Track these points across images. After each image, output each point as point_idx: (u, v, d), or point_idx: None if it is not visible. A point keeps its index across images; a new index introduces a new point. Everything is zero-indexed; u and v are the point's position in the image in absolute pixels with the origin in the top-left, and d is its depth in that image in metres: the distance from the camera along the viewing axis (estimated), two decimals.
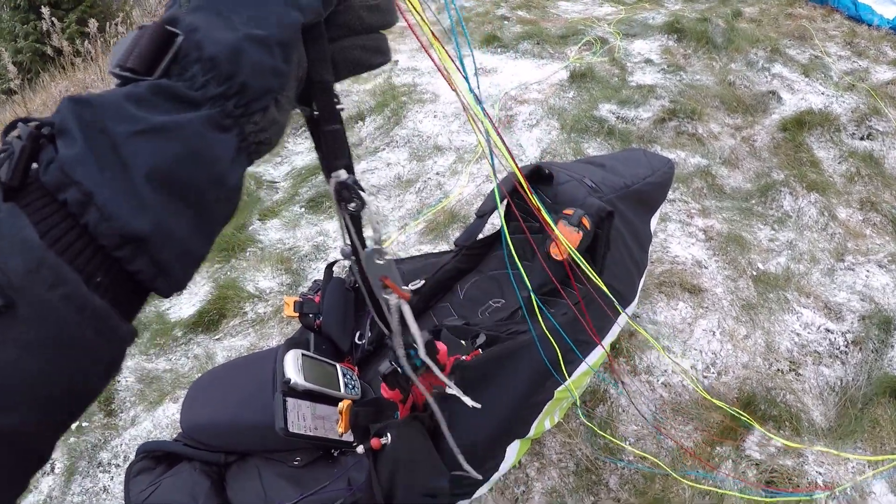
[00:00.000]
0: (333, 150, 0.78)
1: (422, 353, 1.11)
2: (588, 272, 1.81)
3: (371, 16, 0.70)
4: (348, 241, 0.91)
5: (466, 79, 1.05)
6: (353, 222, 0.86)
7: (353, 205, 0.81)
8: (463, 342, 1.69)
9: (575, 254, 1.77)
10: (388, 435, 1.36)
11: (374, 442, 1.35)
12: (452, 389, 1.28)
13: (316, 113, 0.74)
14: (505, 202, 1.92)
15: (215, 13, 0.55)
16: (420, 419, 1.46)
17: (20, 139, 0.48)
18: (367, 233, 0.89)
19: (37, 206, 0.46)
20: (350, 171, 0.81)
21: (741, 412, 2.41)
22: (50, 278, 0.43)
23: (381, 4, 0.71)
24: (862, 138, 4.03)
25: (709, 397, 2.47)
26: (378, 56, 0.74)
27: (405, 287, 0.94)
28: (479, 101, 1.13)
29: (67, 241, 0.46)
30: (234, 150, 0.55)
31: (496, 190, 1.50)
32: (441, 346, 1.28)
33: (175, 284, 0.53)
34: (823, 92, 4.52)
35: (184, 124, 0.51)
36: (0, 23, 14.78)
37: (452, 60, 0.99)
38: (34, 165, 0.48)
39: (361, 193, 0.81)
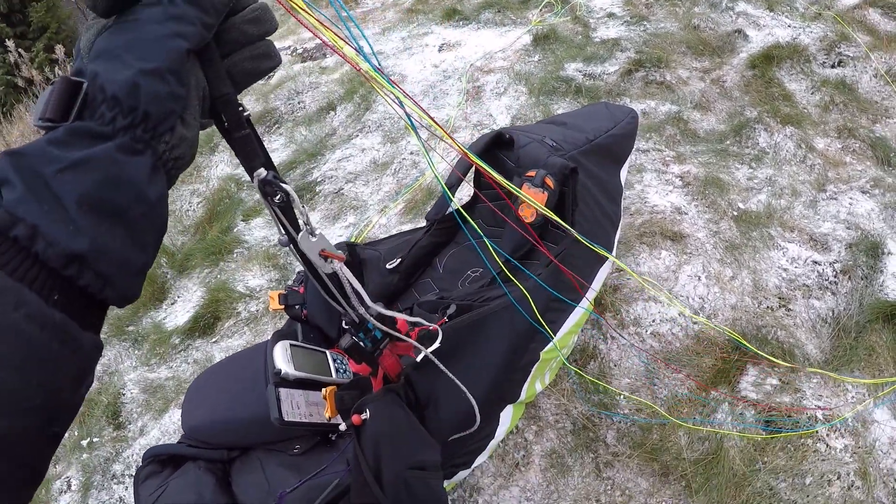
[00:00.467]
0: (248, 153, 0.87)
1: (370, 314, 1.15)
2: (562, 224, 1.82)
3: (253, 27, 0.76)
4: (282, 232, 0.97)
5: (360, 50, 1.10)
6: (285, 213, 0.93)
7: (278, 197, 0.88)
8: (435, 315, 1.70)
9: (545, 210, 1.78)
10: (367, 410, 1.38)
11: (355, 418, 1.38)
12: (418, 347, 1.31)
13: (226, 123, 0.82)
14: (469, 175, 1.91)
15: (112, 57, 0.63)
16: (394, 390, 1.48)
17: None
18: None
19: None
20: (269, 167, 0.87)
21: (739, 338, 2.42)
22: (13, 301, 0.51)
23: (260, 16, 0.77)
24: (833, 66, 4.00)
25: (710, 324, 2.49)
26: (267, 61, 0.80)
27: (338, 251, 1.00)
28: (379, 70, 1.17)
29: (24, 269, 0.53)
30: (149, 168, 0.63)
31: (429, 162, 1.50)
32: (399, 317, 1.32)
33: (122, 293, 0.62)
34: (790, 24, 4.49)
35: (99, 155, 0.58)
36: None
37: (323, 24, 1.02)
38: None
39: (283, 186, 0.87)
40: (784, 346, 2.45)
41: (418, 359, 1.34)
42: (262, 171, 0.88)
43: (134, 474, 1.76)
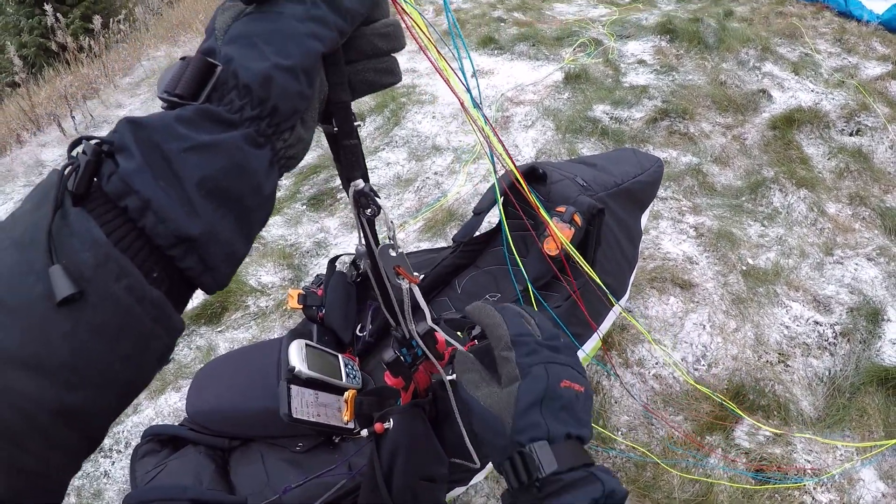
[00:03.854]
0: (351, 162, 0.86)
1: (416, 334, 1.17)
2: (581, 265, 1.87)
3: (382, 42, 0.76)
4: (363, 242, 0.98)
5: (467, 86, 1.11)
6: (369, 224, 0.94)
7: (369, 210, 0.90)
8: (459, 334, 1.74)
9: (570, 247, 1.83)
10: (391, 420, 1.42)
11: (378, 426, 1.41)
12: (445, 379, 1.35)
13: (336, 129, 0.81)
14: (501, 199, 1.98)
15: (248, 45, 0.62)
16: (421, 405, 1.52)
17: (85, 154, 0.55)
18: (381, 232, 0.97)
19: (101, 210, 0.53)
20: (366, 179, 0.89)
21: (727, 401, 2.48)
22: (116, 271, 0.50)
23: (391, 32, 0.77)
24: (851, 134, 4.09)
25: (696, 384, 2.54)
26: (389, 77, 0.80)
27: (415, 273, 1.02)
28: (478, 105, 1.19)
29: (129, 241, 0.53)
30: (267, 162, 0.62)
31: (496, 185, 1.57)
32: (439, 336, 1.35)
33: (219, 281, 0.61)
34: (813, 89, 4.58)
35: (226, 141, 0.58)
36: (5, 16, 14.78)
37: (449, 64, 1.06)
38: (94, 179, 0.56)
39: (378, 200, 0.88)
40: (780, 400, 2.52)
41: (448, 378, 1.38)
42: (360, 183, 0.87)
43: (133, 449, 1.78)
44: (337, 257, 2.21)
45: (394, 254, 0.97)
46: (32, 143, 6.51)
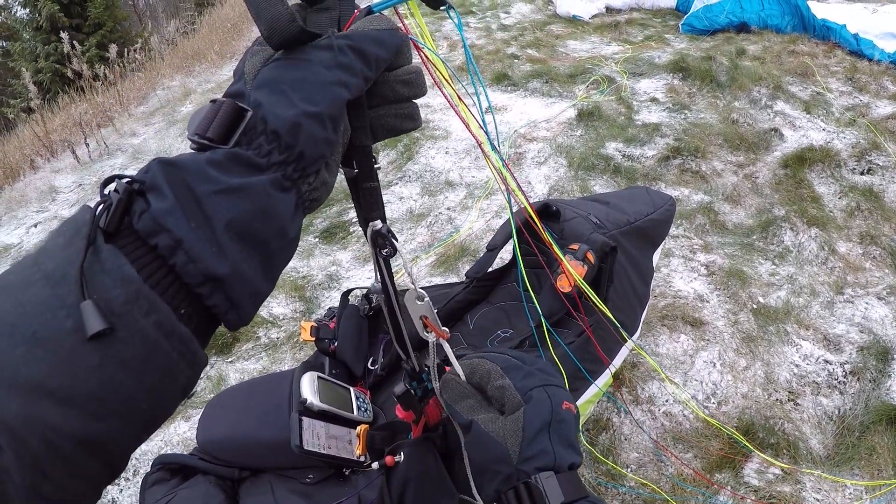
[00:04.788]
0: (370, 203, 0.85)
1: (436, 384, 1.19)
2: (594, 302, 1.89)
3: (405, 88, 0.78)
4: (378, 280, 1.00)
5: (483, 121, 1.14)
6: (385, 264, 0.96)
7: (385, 250, 0.92)
8: None
9: (583, 284, 1.85)
10: (402, 453, 1.43)
11: (389, 459, 1.41)
12: (454, 422, 1.35)
13: (356, 172, 0.82)
14: (515, 236, 2.01)
15: (277, 91, 0.64)
16: (432, 440, 1.53)
17: (117, 192, 0.56)
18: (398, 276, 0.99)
19: (131, 248, 0.55)
20: (384, 221, 0.91)
21: (739, 435, 2.47)
22: (146, 307, 0.51)
23: (413, 79, 0.78)
24: (862, 173, 4.11)
25: (708, 418, 2.54)
26: (410, 122, 0.81)
27: (444, 328, 1.03)
28: (495, 148, 1.21)
29: (158, 278, 0.54)
30: (293, 206, 0.63)
31: (512, 221, 1.59)
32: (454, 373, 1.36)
33: (243, 318, 0.61)
34: (824, 128, 4.62)
35: (255, 185, 0.59)
36: (22, 42, 15.02)
37: (461, 100, 1.08)
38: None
39: (394, 242, 0.91)
40: (790, 439, 2.51)
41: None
42: (378, 224, 0.85)
43: (143, 478, 1.79)
44: (350, 290, 2.23)
45: (420, 303, 0.99)
46: (46, 169, 6.58)
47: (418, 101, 0.83)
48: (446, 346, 1.08)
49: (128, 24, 17.78)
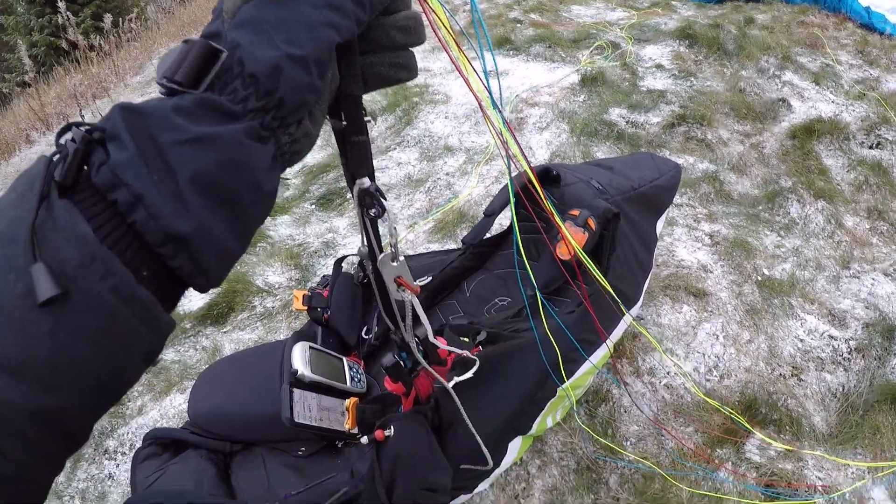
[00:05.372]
0: (358, 159, 0.82)
1: (415, 351, 1.14)
2: (593, 272, 1.83)
3: (401, 35, 0.73)
4: (365, 244, 0.94)
5: (487, 80, 1.09)
6: (372, 225, 0.90)
7: (373, 210, 0.86)
8: (465, 339, 1.71)
9: (581, 253, 1.79)
10: (392, 427, 1.39)
11: (378, 433, 1.38)
12: (446, 386, 1.31)
13: (344, 124, 0.78)
14: (513, 200, 1.95)
15: (257, 31, 0.59)
16: (423, 413, 1.49)
17: (74, 142, 0.51)
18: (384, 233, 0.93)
19: (88, 203, 0.50)
20: (372, 178, 0.84)
21: (737, 415, 2.43)
22: (101, 270, 0.48)
23: (411, 25, 0.74)
24: (871, 147, 4.03)
25: (706, 398, 2.49)
26: (405, 72, 0.77)
27: (415, 283, 0.98)
28: (497, 108, 1.16)
29: (116, 237, 0.50)
30: (269, 158, 0.59)
31: (510, 186, 1.53)
32: (441, 340, 1.31)
33: (211, 280, 0.58)
34: (833, 100, 4.53)
35: (224, 135, 0.54)
36: (16, 16, 14.92)
37: (462, 51, 1.02)
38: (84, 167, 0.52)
39: (382, 201, 0.84)
40: (792, 415, 2.46)
41: (450, 385, 1.34)
42: (366, 182, 0.84)
43: (133, 453, 1.77)
44: (343, 258, 2.18)
45: (395, 263, 0.94)
46: (42, 143, 6.55)
47: (415, 50, 0.78)
48: (415, 302, 1.03)
49: None
